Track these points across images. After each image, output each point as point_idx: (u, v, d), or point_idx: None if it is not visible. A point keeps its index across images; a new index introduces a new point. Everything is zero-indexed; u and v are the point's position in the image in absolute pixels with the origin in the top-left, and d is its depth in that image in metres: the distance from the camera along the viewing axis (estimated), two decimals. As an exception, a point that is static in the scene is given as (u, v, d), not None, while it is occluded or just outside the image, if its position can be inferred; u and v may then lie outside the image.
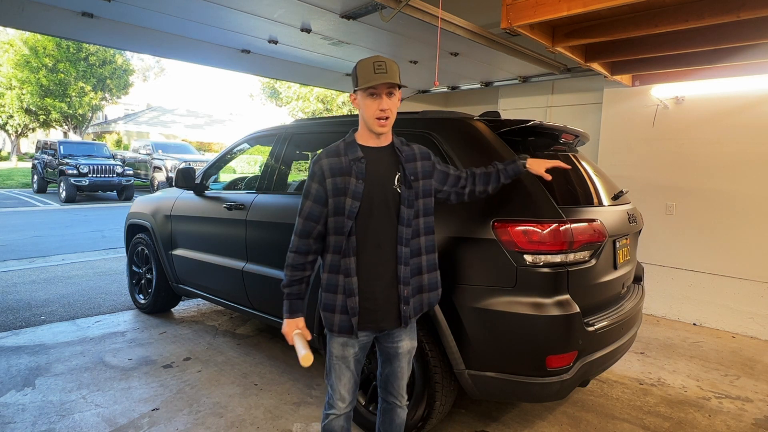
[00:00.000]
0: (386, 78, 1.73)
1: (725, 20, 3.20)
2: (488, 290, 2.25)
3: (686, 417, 3.01)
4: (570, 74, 5.39)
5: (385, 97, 1.77)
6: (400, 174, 1.85)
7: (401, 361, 1.96)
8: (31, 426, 2.67)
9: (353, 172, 1.81)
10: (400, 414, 2.04)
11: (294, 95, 21.03)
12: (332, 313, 1.85)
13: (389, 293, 1.85)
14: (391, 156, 1.88)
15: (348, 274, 1.81)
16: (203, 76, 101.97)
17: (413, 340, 1.98)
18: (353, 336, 1.86)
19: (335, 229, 1.82)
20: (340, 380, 1.92)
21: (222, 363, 3.55)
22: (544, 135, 2.77)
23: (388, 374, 1.99)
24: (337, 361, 1.91)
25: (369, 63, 1.76)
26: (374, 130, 1.81)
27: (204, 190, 4.02)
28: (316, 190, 1.83)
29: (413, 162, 1.90)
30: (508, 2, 3.33)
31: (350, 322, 1.83)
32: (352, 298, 1.81)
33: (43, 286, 5.41)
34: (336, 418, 1.94)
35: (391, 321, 1.87)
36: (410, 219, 1.85)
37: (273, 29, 4.40)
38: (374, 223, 1.82)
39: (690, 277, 4.87)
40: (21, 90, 22.42)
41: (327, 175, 1.81)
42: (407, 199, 1.84)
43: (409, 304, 1.86)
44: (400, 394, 2.01)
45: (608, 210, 2.66)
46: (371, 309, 1.84)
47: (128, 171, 15.10)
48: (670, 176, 4.95)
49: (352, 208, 1.79)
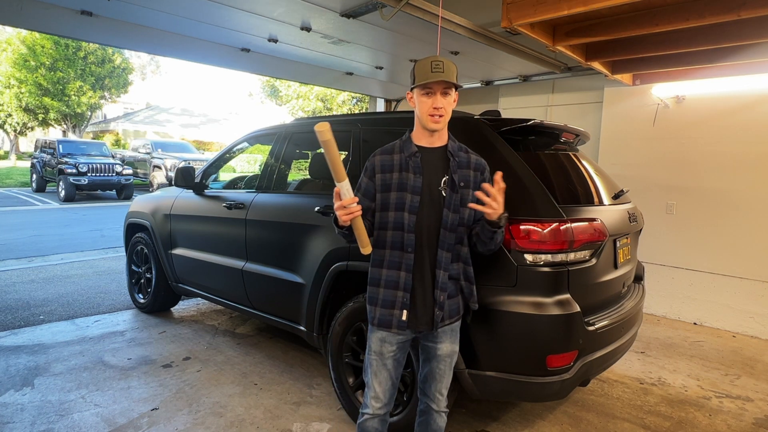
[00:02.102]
0: (442, 77, 1.75)
1: (726, 19, 3.19)
2: (489, 290, 2.24)
3: (687, 416, 3.00)
4: (570, 73, 5.38)
5: (440, 95, 1.78)
6: (448, 177, 1.85)
7: (439, 363, 1.95)
8: (30, 426, 2.66)
9: (410, 167, 1.83)
10: (437, 419, 2.00)
11: (294, 94, 20.98)
12: (374, 306, 1.88)
13: (426, 295, 1.86)
14: (442, 158, 1.88)
15: (401, 268, 1.83)
16: (203, 75, 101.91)
17: (454, 344, 1.97)
18: (391, 330, 1.87)
19: (394, 224, 1.83)
20: (376, 377, 1.92)
21: (222, 362, 3.54)
22: (545, 134, 2.76)
23: (426, 374, 1.99)
24: (374, 357, 1.92)
25: (427, 62, 1.78)
26: (427, 126, 1.82)
27: (203, 189, 4.01)
28: (366, 184, 1.89)
29: (466, 169, 1.88)
30: (509, 1, 3.32)
31: (390, 316, 1.85)
32: (405, 293, 1.83)
33: (42, 285, 5.40)
34: (370, 419, 1.93)
35: (425, 323, 1.88)
36: (454, 224, 1.84)
37: (273, 28, 4.39)
38: (422, 222, 1.84)
39: (690, 276, 4.87)
40: (19, 89, 22.37)
41: (377, 170, 1.86)
42: (452, 203, 1.84)
43: (444, 309, 1.87)
44: (436, 397, 1.98)
45: (609, 209, 2.65)
46: (410, 308, 1.86)
47: (127, 170, 15.09)
48: (670, 175, 4.94)
49: (413, 203, 1.82)
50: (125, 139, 27.91)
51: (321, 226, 2.92)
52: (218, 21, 4.22)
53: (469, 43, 4.30)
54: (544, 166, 2.56)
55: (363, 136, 2.97)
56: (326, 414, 2.87)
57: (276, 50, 5.11)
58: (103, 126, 31.00)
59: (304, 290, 3.01)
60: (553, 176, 2.51)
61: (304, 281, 3.02)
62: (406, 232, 1.82)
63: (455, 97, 1.85)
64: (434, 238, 1.84)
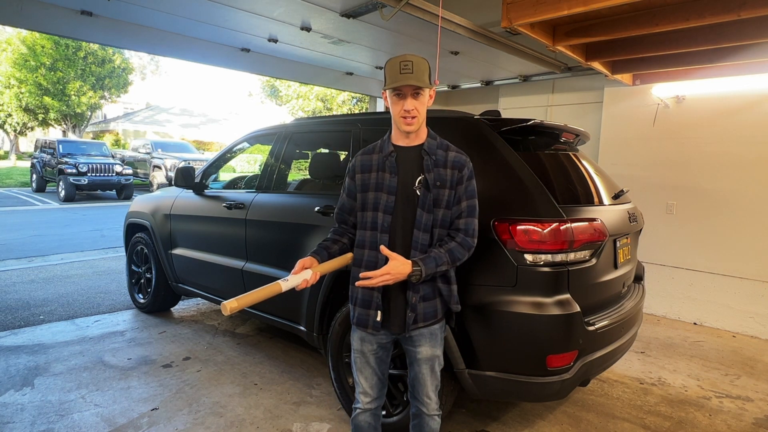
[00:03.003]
0: (410, 79, 1.72)
1: (726, 19, 3.19)
2: (489, 290, 2.24)
3: (687, 416, 3.00)
4: (571, 73, 5.39)
5: (411, 97, 1.76)
6: (422, 177, 1.83)
7: (421, 367, 1.93)
8: (30, 426, 2.66)
9: (386, 167, 1.83)
10: (429, 423, 1.97)
11: (294, 94, 20.98)
12: (354, 306, 1.91)
13: (398, 297, 1.85)
14: (418, 157, 1.85)
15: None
16: (203, 75, 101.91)
17: (434, 348, 1.92)
18: (368, 330, 1.88)
19: (371, 223, 1.84)
20: (361, 373, 1.95)
21: (222, 362, 3.54)
22: (545, 134, 2.76)
23: (413, 378, 1.99)
24: (357, 355, 1.95)
25: (396, 63, 1.75)
26: (401, 128, 1.82)
27: (203, 189, 4.01)
28: (348, 184, 1.94)
29: (443, 168, 1.83)
30: (509, 1, 3.32)
31: (367, 316, 1.86)
32: (378, 294, 1.84)
33: (42, 285, 5.40)
34: (361, 413, 1.96)
35: (397, 325, 1.87)
36: (427, 224, 1.82)
37: (273, 28, 4.39)
38: (396, 222, 1.83)
39: (690, 276, 4.87)
40: (19, 89, 22.37)
41: (357, 170, 1.89)
42: (425, 203, 1.81)
43: (416, 311, 1.84)
44: (425, 401, 1.96)
45: (609, 209, 2.65)
46: (383, 309, 1.86)
47: (127, 170, 15.08)
48: (670, 175, 4.94)
49: (388, 203, 1.82)
50: (125, 139, 27.90)
51: (321, 226, 2.92)
52: (218, 21, 4.23)
53: (469, 43, 4.30)
54: (544, 166, 2.56)
55: (363, 135, 2.97)
56: (326, 414, 2.87)
57: (276, 50, 5.12)
58: (103, 126, 31.00)
59: (304, 290, 3.00)
60: (553, 176, 2.51)
61: (304, 281, 3.01)
62: (380, 232, 1.82)
63: (431, 93, 1.82)
64: (408, 239, 1.82)
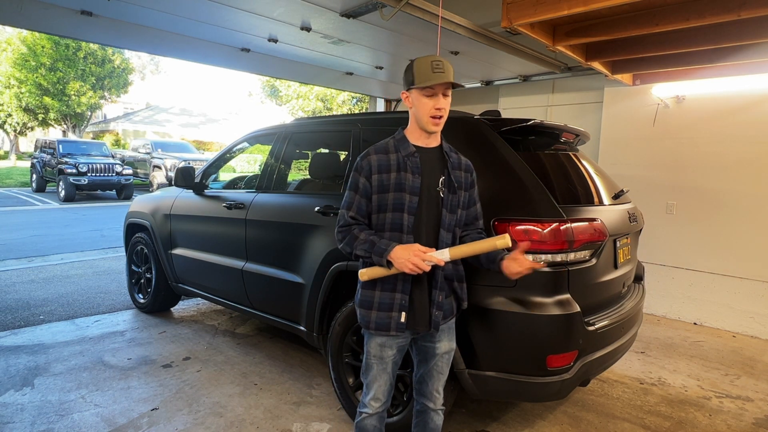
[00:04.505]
0: (444, 78, 1.73)
1: (726, 19, 3.19)
2: (489, 289, 2.24)
3: (687, 416, 3.00)
4: (571, 73, 5.39)
5: (441, 96, 1.77)
6: (445, 178, 1.85)
7: (438, 361, 1.95)
8: (30, 426, 2.66)
9: (408, 167, 1.81)
10: (434, 418, 2.00)
11: (294, 94, 20.98)
12: (370, 310, 1.86)
13: (423, 297, 1.86)
14: (439, 158, 1.88)
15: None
16: (203, 75, 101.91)
17: (452, 342, 1.98)
18: (390, 333, 1.84)
19: (391, 224, 1.81)
20: (377, 380, 1.92)
21: (222, 362, 3.54)
22: (545, 134, 2.76)
23: (423, 374, 1.99)
24: (375, 361, 1.91)
25: (427, 62, 1.75)
26: (427, 129, 1.81)
27: (203, 189, 4.01)
28: (363, 184, 1.83)
29: (458, 170, 1.90)
30: (509, 1, 3.32)
31: (388, 319, 1.83)
32: (404, 295, 1.82)
33: (42, 285, 5.40)
34: (368, 417, 1.95)
35: (423, 324, 1.87)
36: (451, 225, 1.85)
37: (273, 28, 4.39)
38: (420, 222, 1.83)
39: (690, 276, 4.87)
40: (19, 89, 22.37)
41: (374, 170, 1.82)
42: (449, 203, 1.84)
43: (442, 309, 1.87)
44: (433, 395, 1.98)
45: (609, 209, 2.65)
46: (408, 310, 1.85)
47: (127, 170, 15.08)
48: (670, 175, 4.94)
49: (411, 204, 1.80)
50: (125, 139, 27.89)
51: (321, 226, 2.92)
52: (218, 21, 4.22)
53: (469, 43, 4.30)
54: (544, 166, 2.56)
55: (363, 135, 2.97)
56: (326, 414, 2.87)
57: (276, 50, 5.11)
58: (103, 126, 30.99)
59: (304, 290, 3.01)
60: (553, 176, 2.51)
61: (304, 281, 3.02)
62: (404, 233, 1.80)
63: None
64: (433, 239, 1.83)
